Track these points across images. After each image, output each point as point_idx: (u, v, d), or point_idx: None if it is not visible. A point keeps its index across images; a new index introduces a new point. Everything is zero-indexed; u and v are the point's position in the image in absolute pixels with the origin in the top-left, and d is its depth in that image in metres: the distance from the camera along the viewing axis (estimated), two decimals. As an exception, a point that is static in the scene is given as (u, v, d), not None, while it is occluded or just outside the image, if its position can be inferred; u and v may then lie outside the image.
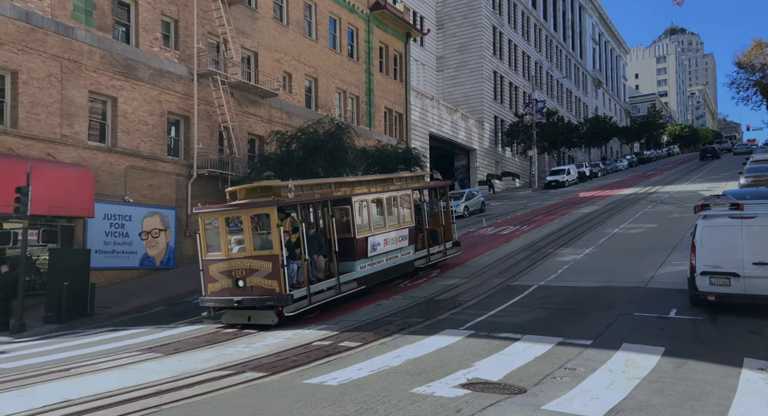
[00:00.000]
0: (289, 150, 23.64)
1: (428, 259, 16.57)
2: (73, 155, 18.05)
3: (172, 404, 6.53)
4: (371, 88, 33.49)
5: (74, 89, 18.15)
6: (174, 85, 21.58)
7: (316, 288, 12.32)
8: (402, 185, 16.31)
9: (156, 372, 8.32)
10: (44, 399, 6.91)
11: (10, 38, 16.38)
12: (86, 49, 18.46)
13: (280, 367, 8.19)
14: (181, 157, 22.13)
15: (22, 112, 16.76)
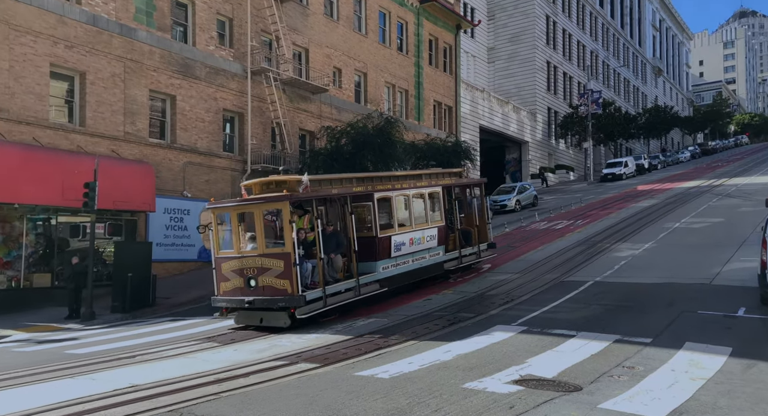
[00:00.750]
0: (339, 145, 23.88)
1: (460, 261, 15.46)
2: (135, 152, 18.89)
3: (230, 392, 6.75)
4: (420, 81, 33.32)
5: (136, 88, 18.98)
6: (229, 82, 22.20)
7: (333, 289, 11.51)
8: (431, 182, 15.23)
9: (214, 361, 8.61)
10: (113, 384, 7.30)
11: (79, 41, 17.29)
12: (147, 49, 19.26)
13: (331, 359, 8.32)
14: (235, 153, 22.78)
15: (89, 111, 17.69)
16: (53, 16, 16.65)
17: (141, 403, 6.37)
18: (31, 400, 6.66)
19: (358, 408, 5.94)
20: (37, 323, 13.76)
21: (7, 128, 15.58)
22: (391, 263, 13.20)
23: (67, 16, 17.00)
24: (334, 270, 11.90)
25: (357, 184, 12.91)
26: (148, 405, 6.25)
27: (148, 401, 6.45)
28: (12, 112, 15.73)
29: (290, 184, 11.51)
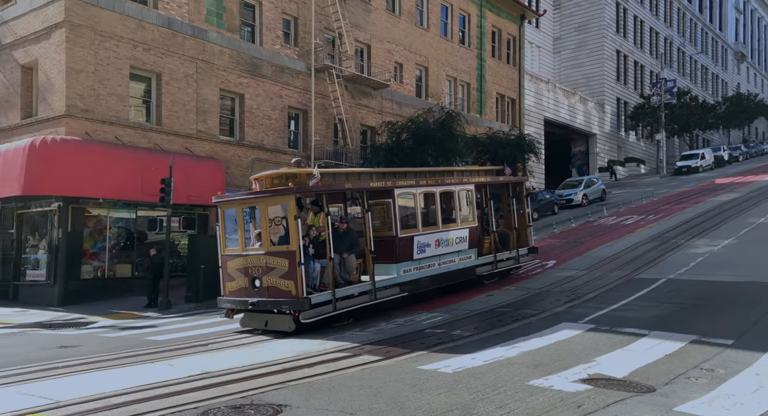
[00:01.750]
0: (399, 140, 23.94)
1: (495, 266, 14.36)
2: (207, 149, 19.75)
3: (296, 381, 6.97)
4: (482, 74, 32.79)
5: (207, 88, 19.83)
6: (293, 80, 22.75)
7: (344, 292, 10.65)
8: (462, 179, 14.16)
9: (279, 351, 8.92)
10: (188, 370, 7.72)
11: (155, 43, 18.27)
12: (217, 49, 20.06)
13: (394, 352, 8.40)
14: (300, 149, 23.33)
15: (165, 110, 18.67)
16: (133, 21, 17.66)
17: (214, 389, 6.70)
18: (116, 382, 7.16)
19: (422, 401, 5.98)
20: (120, 311, 14.73)
21: (92, 128, 16.71)
22: (414, 266, 12.18)
23: (145, 20, 17.99)
24: (347, 271, 11.06)
25: (376, 179, 12.01)
26: (220, 392, 6.56)
27: (220, 387, 6.78)
28: (97, 112, 16.85)
29: (301, 177, 10.76)
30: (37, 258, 17.13)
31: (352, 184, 11.55)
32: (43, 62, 16.91)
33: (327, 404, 5.94)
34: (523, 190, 16.22)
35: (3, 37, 18.09)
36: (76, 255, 16.34)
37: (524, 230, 15.85)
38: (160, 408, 5.89)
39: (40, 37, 16.93)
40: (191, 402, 6.07)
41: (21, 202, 17.21)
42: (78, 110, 16.39)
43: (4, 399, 6.44)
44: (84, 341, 10.59)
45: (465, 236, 13.56)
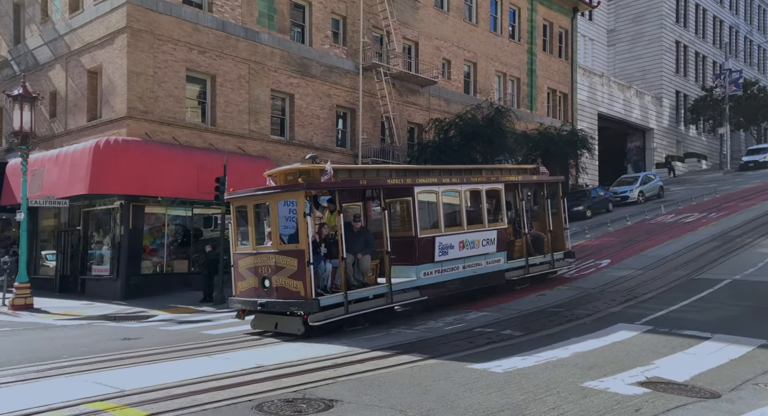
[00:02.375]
0: (447, 137, 23.78)
1: (526, 271, 13.58)
2: (259, 148, 20.23)
3: (346, 377, 7.05)
4: (533, 68, 32.08)
5: (259, 88, 20.31)
6: (342, 79, 22.97)
7: (358, 294, 10.17)
8: (491, 178, 13.34)
9: (330, 347, 9.02)
10: (243, 364, 7.95)
11: (210, 46, 18.87)
12: (268, 51, 20.51)
13: (443, 351, 8.37)
14: (347, 148, 23.56)
15: (219, 111, 19.25)
16: (189, 25, 18.30)
17: (267, 383, 6.87)
18: (176, 374, 7.46)
19: (472, 400, 5.93)
20: (177, 305, 15.32)
21: (152, 129, 17.44)
22: (435, 268, 11.53)
23: (200, 23, 18.60)
24: (361, 272, 10.50)
25: (395, 176, 11.40)
26: (273, 385, 6.72)
27: (274, 381, 6.94)
28: (155, 114, 17.57)
29: (313, 173, 10.45)
30: (101, 254, 18.06)
31: (368, 180, 10.94)
32: (106, 66, 17.77)
33: (377, 400, 5.98)
34: (559, 191, 15.31)
35: (71, 44, 19.12)
36: (136, 252, 17.11)
37: (560, 233, 14.90)
38: (217, 399, 6.09)
39: (105, 43, 17.80)
40: (246, 395, 6.24)
41: (87, 200, 18.17)
42: (138, 112, 17.14)
43: (73, 386, 6.83)
44: (145, 334, 11.08)
45: (493, 238, 12.78)
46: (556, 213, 14.95)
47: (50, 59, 20.00)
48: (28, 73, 19.49)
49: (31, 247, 18.74)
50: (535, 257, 14.02)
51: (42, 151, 19.04)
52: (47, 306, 15.03)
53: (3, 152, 21.88)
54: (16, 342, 10.34)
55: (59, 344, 9.89)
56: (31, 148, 16.70)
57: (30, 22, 21.30)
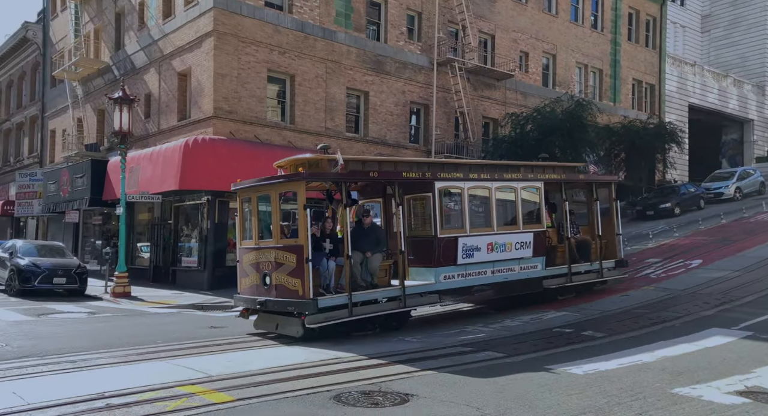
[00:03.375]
0: (524, 131, 23.16)
1: (569, 279, 12.22)
2: (334, 145, 20.65)
3: (422, 372, 7.09)
4: (617, 59, 30.53)
5: (335, 87, 20.74)
6: (416, 75, 22.97)
7: (365, 296, 9.42)
8: (528, 175, 12.15)
9: (408, 342, 9.11)
10: (321, 355, 8.20)
11: (290, 47, 19.50)
12: (344, 49, 20.88)
13: (520, 350, 8.21)
14: (420, 144, 23.56)
15: (297, 110, 19.87)
16: (270, 27, 19.00)
17: (344, 374, 7.04)
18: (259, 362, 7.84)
19: (551, 401, 5.78)
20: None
21: (236, 128, 18.29)
22: (458, 272, 10.49)
23: (281, 25, 19.26)
24: (370, 273, 9.71)
25: (416, 170, 10.46)
26: (350, 377, 6.87)
27: (350, 373, 7.11)
28: (239, 113, 18.41)
29: (322, 163, 9.77)
30: (190, 247, 19.21)
31: (380, 173, 10.01)
32: (195, 69, 18.83)
33: (453, 397, 5.96)
34: (612, 192, 13.74)
35: (164, 48, 20.42)
36: (221, 245, 18.04)
37: (612, 239, 13.45)
38: (298, 388, 6.32)
39: (193, 46, 18.86)
40: (325, 385, 6.43)
41: (177, 196, 19.37)
42: (223, 112, 18.03)
43: (168, 370, 7.33)
44: (229, 323, 11.67)
45: (528, 241, 11.54)
46: (607, 217, 13.50)
47: (145, 63, 21.46)
48: (126, 77, 21.02)
49: (129, 240, 20.22)
50: (580, 264, 12.62)
51: (138, 149, 20.51)
52: (142, 294, 16.20)
53: (105, 151, 23.78)
54: (117, 327, 11.24)
55: (154, 330, 10.63)
56: (129, 147, 18.04)
57: (128, 29, 22.96)
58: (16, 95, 33.62)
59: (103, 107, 24.36)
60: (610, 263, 13.19)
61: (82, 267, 16.93)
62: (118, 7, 23.60)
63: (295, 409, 5.55)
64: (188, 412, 5.45)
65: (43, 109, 29.81)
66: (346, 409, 5.56)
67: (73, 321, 11.80)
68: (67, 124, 27.21)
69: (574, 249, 12.55)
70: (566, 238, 12.36)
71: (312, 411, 5.50)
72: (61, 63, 26.17)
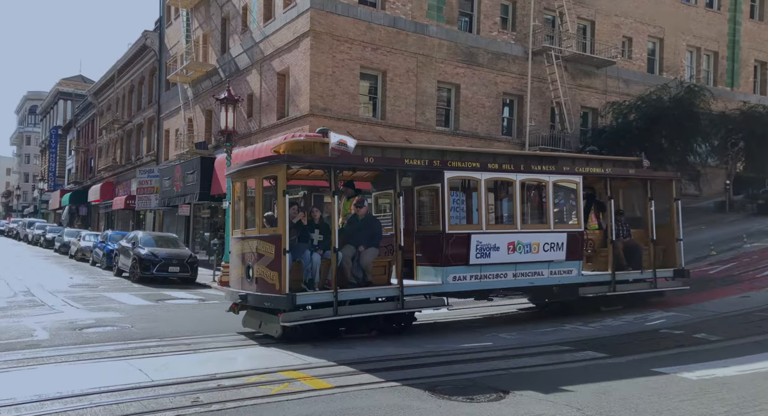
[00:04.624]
0: (626, 121, 21.88)
1: (612, 288, 10.78)
2: (424, 139, 20.69)
3: (518, 369, 6.97)
4: (735, 39, 27.84)
5: (426, 81, 20.75)
6: (509, 66, 22.40)
7: (354, 294, 8.57)
8: (563, 168, 10.75)
9: (503, 338, 8.99)
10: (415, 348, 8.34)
11: (382, 43, 19.78)
12: (436, 43, 20.81)
13: (624, 351, 7.82)
14: (513, 136, 22.96)
15: (388, 105, 20.12)
16: (363, 24, 19.38)
17: (438, 367, 7.09)
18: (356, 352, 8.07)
19: (660, 406, 5.45)
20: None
21: (330, 124, 18.82)
22: (470, 273, 9.42)
23: (373, 22, 19.58)
24: (361, 268, 8.83)
25: (425, 157, 9.45)
26: (444, 371, 6.91)
27: (444, 366, 7.14)
28: (333, 110, 18.98)
29: (315, 147, 9.15)
30: (287, 237, 20.09)
31: (373, 158, 9.06)
32: (292, 68, 19.66)
33: (551, 395, 5.81)
34: (672, 191, 11.91)
35: (265, 50, 21.51)
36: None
37: (671, 245, 11.73)
38: (393, 379, 6.46)
39: (291, 47, 19.70)
40: (419, 378, 6.51)
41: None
42: (318, 109, 18.67)
43: (272, 355, 7.76)
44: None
45: (561, 242, 10.19)
46: (666, 220, 11.83)
47: (248, 65, 22.72)
48: (230, 78, 22.37)
49: (233, 230, 21.56)
50: (628, 272, 11.15)
51: (241, 147, 21.79)
52: (245, 281, 17.21)
53: (212, 149, 25.51)
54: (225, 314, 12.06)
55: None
56: (233, 145, 19.19)
57: (233, 32, 24.42)
58: (137, 99, 36.93)
59: (210, 108, 26.13)
60: (668, 272, 11.62)
61: (193, 257, 18.31)
62: (224, 12, 25.16)
63: (392, 399, 5.68)
64: (290, 397, 5.73)
65: (158, 111, 32.52)
66: (441, 402, 5.61)
67: (187, 307, 12.84)
68: (180, 124, 29.49)
69: (622, 254, 11.16)
70: (610, 241, 10.90)
71: (408, 402, 5.60)
72: (174, 67, 28.38)
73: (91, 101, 46.25)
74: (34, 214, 62.45)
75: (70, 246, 27.28)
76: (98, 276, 18.59)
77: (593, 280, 10.82)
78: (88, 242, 24.49)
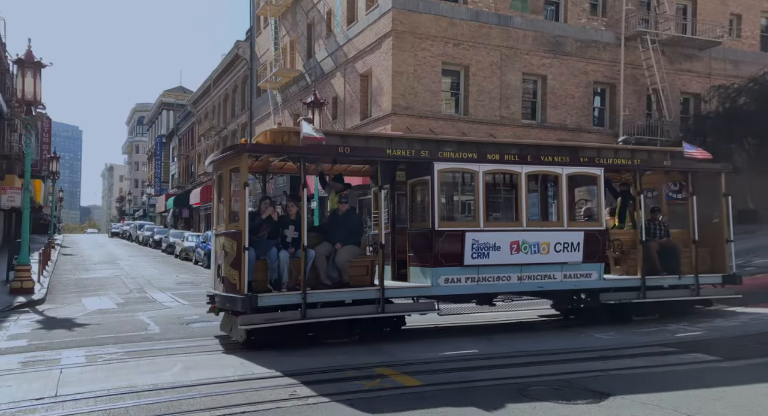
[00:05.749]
0: (735, 105, 20.08)
1: (641, 293, 9.53)
2: (509, 134, 20.17)
3: (616, 371, 6.61)
4: None
5: (510, 73, 20.23)
6: (600, 53, 21.31)
7: (325, 296, 7.88)
8: (579, 159, 9.47)
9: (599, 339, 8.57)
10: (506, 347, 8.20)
11: (464, 38, 19.55)
12: (520, 34, 20.24)
13: (739, 354, 7.19)
14: (605, 127, 21.84)
15: (471, 101, 19.85)
16: (445, 20, 19.26)
17: (530, 368, 6.87)
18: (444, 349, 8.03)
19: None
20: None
21: (412, 123, 18.94)
22: (465, 275, 8.54)
23: (455, 17, 19.40)
24: (337, 268, 8.17)
25: (413, 148, 8.58)
26: (535, 371, 6.68)
27: (536, 367, 6.91)
28: (415, 109, 19.02)
29: (289, 136, 8.37)
30: (373, 235, 20.48)
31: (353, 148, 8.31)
32: (375, 69, 19.94)
33: (655, 399, 5.45)
34: (720, 184, 10.33)
35: (348, 53, 21.99)
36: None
37: (719, 247, 10.30)
38: (483, 378, 6.35)
39: (373, 48, 19.98)
40: (510, 377, 6.35)
41: (361, 190, 20.75)
42: (401, 108, 18.79)
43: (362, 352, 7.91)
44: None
45: (577, 242, 9.10)
46: (714, 220, 10.40)
47: (332, 68, 23.34)
48: (316, 82, 23.12)
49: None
50: (663, 277, 9.85)
51: (327, 147, 22.43)
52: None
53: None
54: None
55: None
56: (320, 146, 19.83)
57: (318, 37, 25.20)
58: (231, 106, 39.15)
59: (298, 112, 27.12)
60: (715, 278, 10.20)
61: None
62: (309, 18, 26.02)
63: (484, 398, 5.58)
64: (381, 393, 5.78)
65: (250, 117, 34.26)
66: (536, 404, 5.43)
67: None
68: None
69: (655, 256, 9.83)
70: (639, 242, 9.62)
71: (501, 401, 5.48)
72: (264, 74, 29.77)
73: (190, 110, 49.65)
74: (143, 217, 68.03)
75: (175, 247, 29.26)
76: (200, 274, 19.90)
77: (618, 285, 9.66)
78: (191, 242, 26.26)
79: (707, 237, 10.19)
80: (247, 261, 7.41)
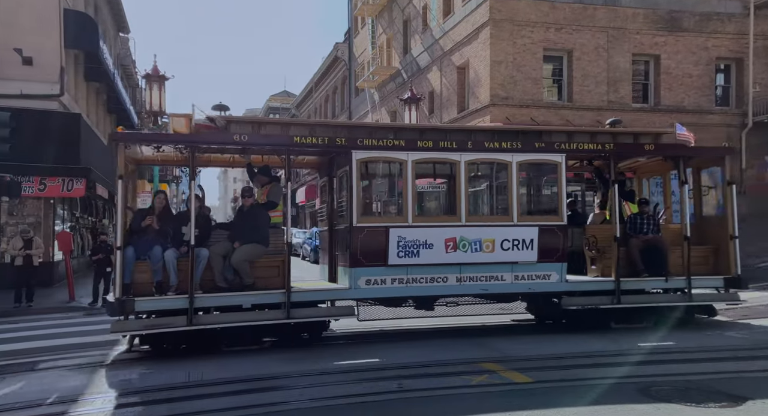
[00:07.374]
0: None
1: (616, 298, 8.25)
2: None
3: (752, 373, 6.04)
4: None
5: (618, 55, 18.99)
6: (723, 26, 19.38)
7: (218, 301, 7.18)
8: (533, 144, 8.31)
9: (728, 337, 8.01)
10: (628, 345, 7.75)
11: (566, 21, 18.65)
12: (630, 13, 18.92)
13: None
14: (731, 106, 19.86)
15: (575, 86, 18.89)
16: (546, 4, 18.49)
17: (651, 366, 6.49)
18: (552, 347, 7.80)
19: None
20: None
21: (511, 113, 18.42)
22: (391, 276, 7.74)
23: (556, 0, 18.56)
24: (230, 268, 7.43)
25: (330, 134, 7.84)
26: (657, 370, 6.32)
27: (657, 366, 6.50)
28: (515, 98, 18.47)
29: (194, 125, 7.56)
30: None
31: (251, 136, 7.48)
32: (472, 61, 19.63)
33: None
34: (726, 171, 8.87)
35: (444, 46, 21.86)
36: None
37: (723, 245, 8.83)
38: (601, 376, 6.07)
39: (471, 39, 19.68)
40: (631, 375, 6.04)
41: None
42: (499, 98, 18.34)
43: (464, 347, 7.86)
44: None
45: (531, 240, 8.12)
46: (720, 214, 8.97)
47: (428, 63, 23.33)
48: (412, 78, 23.24)
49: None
50: (646, 280, 8.59)
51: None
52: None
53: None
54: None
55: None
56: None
57: (414, 33, 25.31)
58: (332, 107, 40.51)
59: (394, 109, 27.46)
60: (715, 281, 8.77)
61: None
62: (405, 15, 26.21)
63: (601, 399, 5.33)
64: (489, 389, 5.71)
65: (350, 116, 35.21)
66: (660, 405, 5.09)
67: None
68: (368, 126, 31.50)
69: (637, 255, 8.60)
70: (614, 238, 8.43)
71: (620, 401, 5.21)
72: (362, 74, 30.45)
73: (294, 113, 52.07)
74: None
75: (283, 242, 30.91)
76: (307, 270, 20.85)
77: (586, 289, 8.49)
78: (298, 239, 27.57)
79: (710, 233, 8.98)
80: (121, 262, 6.88)
